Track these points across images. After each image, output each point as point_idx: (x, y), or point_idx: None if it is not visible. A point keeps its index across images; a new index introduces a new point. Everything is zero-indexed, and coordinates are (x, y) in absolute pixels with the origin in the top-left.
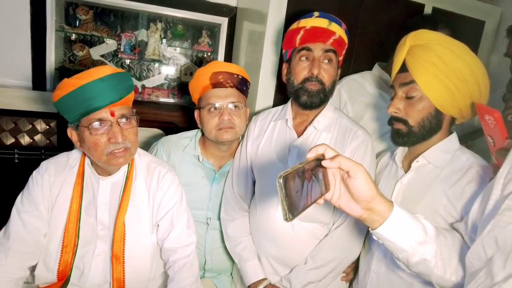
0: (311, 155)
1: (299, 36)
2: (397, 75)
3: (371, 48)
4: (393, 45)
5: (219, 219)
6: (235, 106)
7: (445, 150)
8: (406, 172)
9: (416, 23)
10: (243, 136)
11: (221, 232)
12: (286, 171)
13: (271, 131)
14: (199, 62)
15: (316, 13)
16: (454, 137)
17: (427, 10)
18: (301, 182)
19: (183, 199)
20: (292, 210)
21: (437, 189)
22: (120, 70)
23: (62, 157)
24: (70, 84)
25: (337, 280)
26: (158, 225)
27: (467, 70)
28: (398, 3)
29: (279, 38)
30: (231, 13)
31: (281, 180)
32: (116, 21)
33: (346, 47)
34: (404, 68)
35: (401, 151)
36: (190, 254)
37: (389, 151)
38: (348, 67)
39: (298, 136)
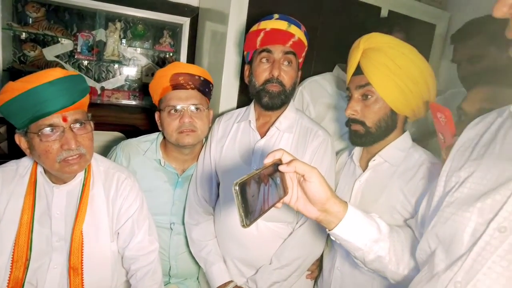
0: (268, 161)
1: (259, 38)
2: (352, 78)
3: (331, 49)
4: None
5: (183, 223)
6: (197, 109)
7: (399, 148)
8: (364, 170)
9: (373, 25)
10: (206, 138)
11: (186, 236)
12: (242, 178)
13: (235, 133)
14: (161, 62)
15: (276, 15)
16: (407, 135)
17: (384, 12)
18: (258, 187)
19: (144, 205)
20: (249, 216)
21: (393, 186)
22: (73, 72)
23: (11, 165)
24: (15, 88)
25: (302, 278)
26: (118, 233)
27: (418, 71)
28: (356, 6)
29: (241, 39)
30: (193, 13)
31: (237, 187)
32: (72, 20)
33: (306, 49)
34: (359, 71)
35: (358, 150)
36: (153, 262)
37: (347, 150)
38: (310, 68)
39: (261, 137)
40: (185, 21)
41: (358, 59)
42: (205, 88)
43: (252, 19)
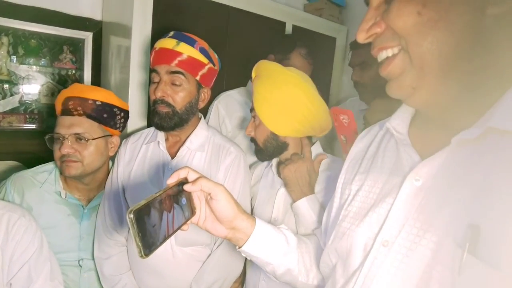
0: (172, 181)
1: (151, 58)
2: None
3: (241, 64)
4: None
5: (93, 258)
6: (80, 138)
7: (315, 154)
8: None
9: (278, 42)
10: (113, 162)
11: (97, 272)
12: (138, 204)
13: (144, 155)
14: (63, 81)
15: (171, 33)
16: (317, 144)
17: (288, 27)
18: (161, 211)
19: (43, 246)
20: (149, 244)
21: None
22: None
23: None
24: None
25: None
26: (10, 284)
27: (289, 99)
28: (262, 21)
29: (147, 53)
30: (96, 27)
31: (131, 216)
32: None
33: (209, 66)
34: None
35: (276, 161)
36: None
37: (265, 162)
38: (222, 83)
39: (172, 158)
40: (88, 36)
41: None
42: (102, 114)
43: (158, 33)
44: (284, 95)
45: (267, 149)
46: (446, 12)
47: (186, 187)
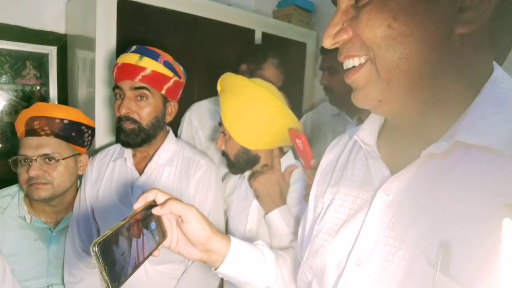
0: (139, 205)
1: (114, 74)
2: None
3: (211, 73)
4: (231, 70)
5: (64, 283)
6: (50, 158)
7: (286, 165)
8: None
9: (250, 51)
10: (81, 182)
11: None
12: (104, 234)
13: (111, 173)
14: (27, 98)
15: (133, 47)
16: (289, 154)
17: (257, 34)
18: (128, 239)
19: (6, 276)
20: (118, 276)
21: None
22: None
23: None
24: None
25: None
26: None
27: (257, 113)
28: (230, 29)
29: (113, 67)
30: (61, 41)
31: (96, 248)
32: None
33: (174, 79)
34: None
35: (249, 172)
36: None
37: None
38: (192, 93)
39: (140, 174)
40: (52, 50)
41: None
42: (71, 133)
43: (123, 45)
44: (253, 111)
45: (239, 162)
46: (416, 28)
47: (155, 211)
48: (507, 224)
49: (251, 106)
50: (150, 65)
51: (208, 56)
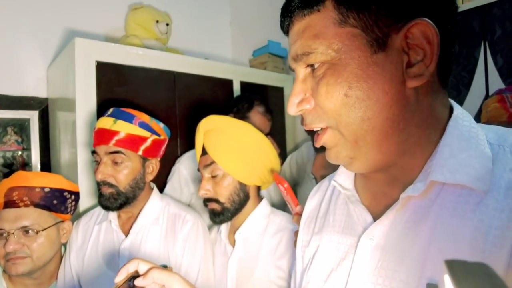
0: (120, 278)
1: (93, 138)
2: (201, 159)
3: (194, 126)
4: None
5: None
6: (27, 231)
7: (261, 216)
8: (233, 246)
9: (235, 101)
10: (65, 248)
11: None
12: None
13: (97, 236)
14: (9, 163)
15: (110, 110)
16: (265, 202)
17: (236, 84)
18: None
19: None
20: None
21: (263, 257)
22: None
23: None
24: None
25: None
26: None
27: (255, 144)
28: (209, 81)
29: (93, 128)
30: (42, 105)
31: None
32: None
33: (152, 138)
34: (204, 152)
35: (224, 226)
36: None
37: (215, 227)
38: (176, 147)
39: (126, 236)
40: (33, 115)
41: (202, 141)
42: (52, 200)
43: (103, 106)
44: (251, 142)
45: (233, 204)
46: (371, 91)
47: (137, 282)
48: (446, 280)
49: (249, 138)
50: (124, 128)
51: (189, 110)
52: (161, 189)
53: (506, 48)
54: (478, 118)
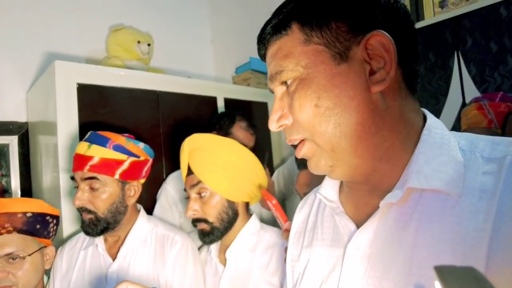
0: None
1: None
2: (187, 178)
3: (178, 146)
4: None
5: None
6: (14, 257)
7: (250, 232)
8: (224, 265)
9: (217, 119)
10: (49, 276)
11: None
12: None
13: (83, 261)
14: None
15: (87, 134)
16: (254, 218)
17: (220, 101)
18: None
19: None
20: None
21: (255, 274)
22: None
23: None
24: None
25: None
26: None
27: (240, 160)
28: (193, 98)
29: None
30: (22, 129)
31: None
32: None
33: (129, 160)
34: (190, 171)
35: (214, 246)
36: None
37: (205, 246)
38: (161, 167)
39: (114, 259)
40: (12, 140)
41: (187, 161)
42: (35, 225)
43: (85, 128)
44: (237, 158)
45: (222, 223)
46: (339, 99)
47: None
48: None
49: (236, 155)
50: (97, 153)
51: (173, 128)
52: (150, 211)
53: (478, 57)
54: (458, 125)
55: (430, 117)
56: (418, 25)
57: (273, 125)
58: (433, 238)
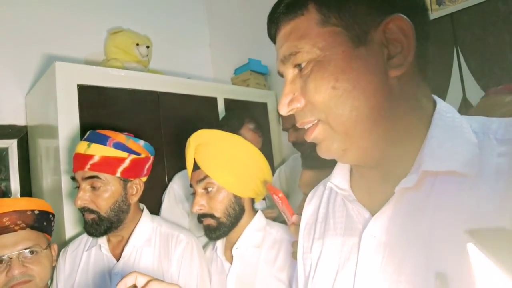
0: None
1: (73, 164)
2: (193, 174)
3: (179, 144)
4: None
5: None
6: (31, 252)
7: (256, 229)
8: (230, 262)
9: (225, 119)
10: (52, 279)
11: None
12: None
13: (86, 263)
14: None
15: (87, 134)
16: (260, 214)
17: (220, 102)
18: None
19: None
20: None
21: (263, 270)
22: None
23: None
24: None
25: None
26: None
27: (247, 156)
28: (193, 99)
29: None
30: (21, 133)
31: None
32: None
33: (130, 157)
34: (196, 167)
35: (220, 243)
36: None
37: (210, 244)
38: (163, 168)
39: (118, 260)
40: (11, 143)
41: (193, 156)
42: (43, 222)
43: (87, 129)
44: (243, 154)
45: (229, 218)
46: (357, 82)
47: None
48: (470, 248)
49: (237, 151)
50: (97, 151)
51: (174, 129)
52: (153, 212)
53: (477, 51)
54: None
55: (440, 102)
56: None
57: (284, 109)
58: (451, 221)
